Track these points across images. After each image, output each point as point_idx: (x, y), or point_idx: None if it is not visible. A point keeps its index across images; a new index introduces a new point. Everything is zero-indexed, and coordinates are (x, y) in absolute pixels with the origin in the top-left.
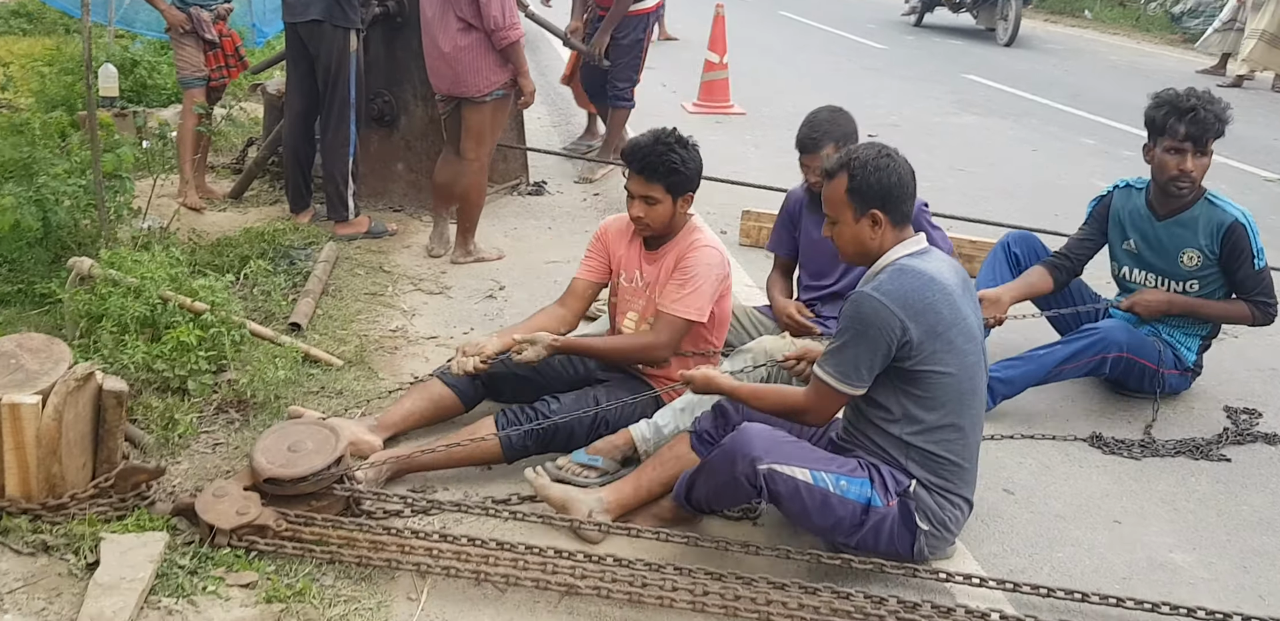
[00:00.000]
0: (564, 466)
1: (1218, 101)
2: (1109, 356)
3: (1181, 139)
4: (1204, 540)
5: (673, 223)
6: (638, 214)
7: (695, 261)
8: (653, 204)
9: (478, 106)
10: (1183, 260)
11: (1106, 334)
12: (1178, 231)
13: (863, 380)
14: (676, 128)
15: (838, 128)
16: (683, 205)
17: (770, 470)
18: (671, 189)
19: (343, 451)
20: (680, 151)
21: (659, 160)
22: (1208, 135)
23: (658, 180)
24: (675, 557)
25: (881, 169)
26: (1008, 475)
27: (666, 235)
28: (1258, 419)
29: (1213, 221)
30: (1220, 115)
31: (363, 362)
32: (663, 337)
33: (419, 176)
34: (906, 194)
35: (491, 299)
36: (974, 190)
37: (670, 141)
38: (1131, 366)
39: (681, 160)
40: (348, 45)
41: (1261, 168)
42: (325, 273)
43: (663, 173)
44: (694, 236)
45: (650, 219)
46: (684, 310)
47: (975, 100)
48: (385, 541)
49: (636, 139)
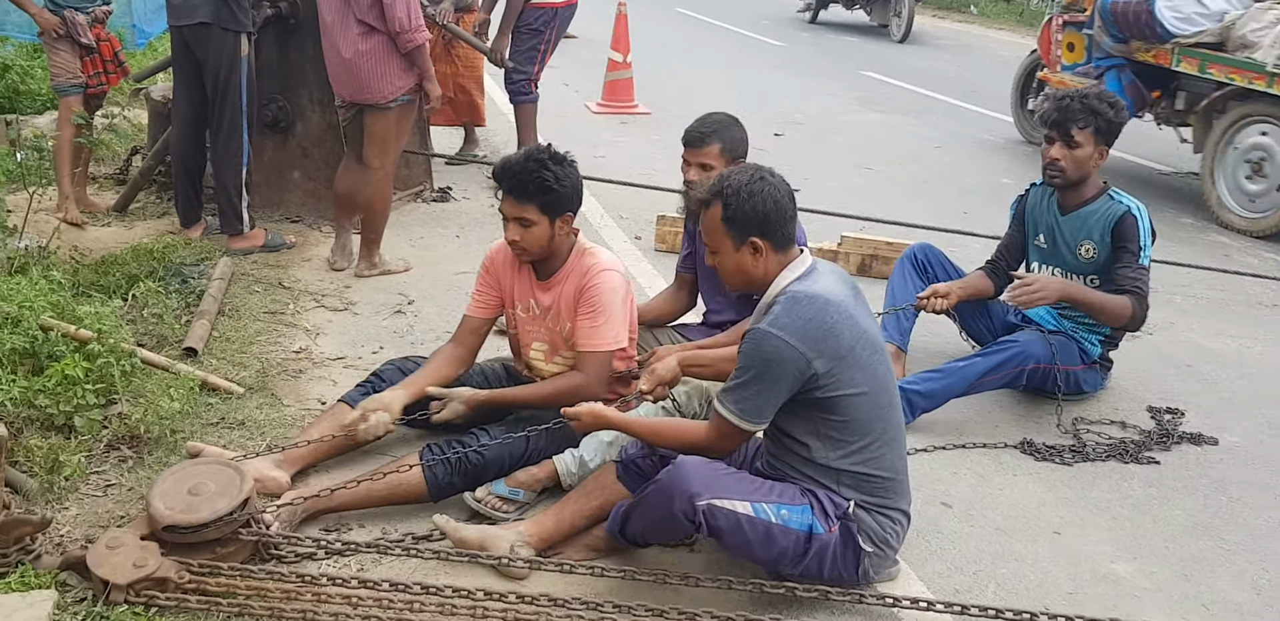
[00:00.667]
0: (483, 499)
1: (1104, 97)
2: (1026, 369)
3: (1048, 126)
4: (1143, 548)
5: (553, 245)
6: (513, 237)
7: (599, 291)
8: (528, 226)
9: (382, 112)
10: (1081, 252)
11: (1025, 347)
12: (1078, 224)
13: (766, 417)
14: (551, 144)
15: (728, 130)
16: (562, 226)
17: (710, 506)
18: (546, 209)
19: (249, 492)
20: (554, 168)
21: (530, 179)
22: (1070, 124)
23: (530, 200)
24: (612, 592)
25: (756, 194)
26: (944, 488)
27: (551, 259)
28: (1181, 418)
29: (1108, 214)
30: (1095, 107)
31: (265, 389)
32: (591, 375)
33: (317, 185)
34: (785, 217)
35: (400, 314)
36: (883, 189)
37: (542, 158)
38: (1047, 374)
39: (555, 178)
40: (238, 49)
41: (1153, 161)
42: (220, 291)
43: (534, 192)
44: (588, 261)
45: (527, 242)
46: (604, 344)
47: (876, 97)
48: (299, 590)
49: (507, 157)
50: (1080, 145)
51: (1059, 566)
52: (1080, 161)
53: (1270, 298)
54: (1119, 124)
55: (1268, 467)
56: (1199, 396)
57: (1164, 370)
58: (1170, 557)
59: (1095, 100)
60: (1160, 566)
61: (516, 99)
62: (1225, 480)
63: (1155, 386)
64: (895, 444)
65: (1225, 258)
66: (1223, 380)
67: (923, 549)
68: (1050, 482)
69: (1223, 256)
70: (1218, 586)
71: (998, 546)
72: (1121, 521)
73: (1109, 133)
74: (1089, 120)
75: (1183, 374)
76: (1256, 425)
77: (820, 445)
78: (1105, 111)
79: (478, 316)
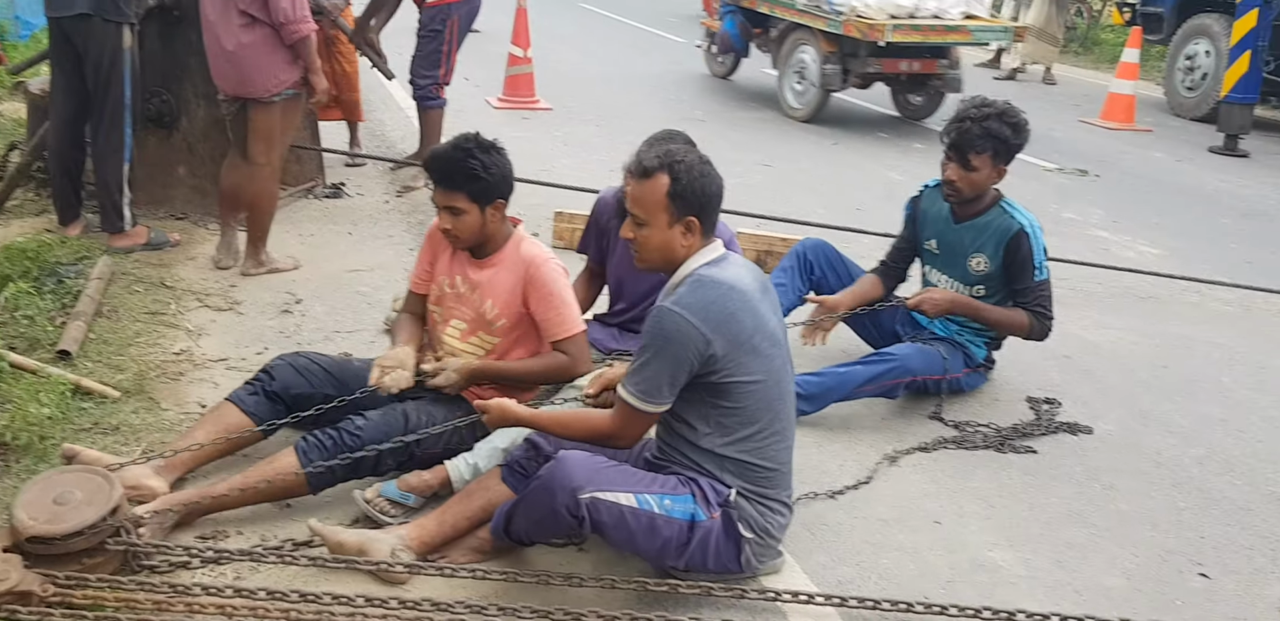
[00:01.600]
0: (372, 501)
1: (1006, 118)
2: (903, 381)
3: (947, 147)
4: (1019, 536)
5: (486, 232)
6: (445, 225)
7: (547, 280)
8: (458, 215)
9: (266, 107)
10: (972, 264)
11: (903, 362)
12: (970, 235)
13: (665, 398)
14: (479, 132)
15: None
16: (493, 213)
17: (593, 499)
18: (476, 197)
19: (118, 500)
20: (481, 157)
21: (457, 168)
22: (968, 150)
23: (458, 188)
24: (497, 595)
25: (706, 176)
26: (830, 480)
27: (487, 243)
28: (1058, 408)
29: (1000, 228)
30: (994, 132)
31: (142, 392)
32: (575, 356)
33: (203, 181)
34: (718, 206)
35: (288, 314)
36: (780, 186)
37: (469, 147)
38: (925, 384)
39: (483, 166)
40: (120, 41)
41: (1041, 159)
42: (98, 291)
43: (462, 180)
44: (530, 252)
45: (459, 230)
46: (574, 328)
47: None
48: (170, 601)
49: (436, 147)
50: (977, 169)
51: (938, 556)
52: (977, 183)
53: (1145, 290)
54: (1018, 146)
55: (1139, 455)
56: (1076, 386)
57: (1043, 361)
58: (1045, 545)
59: (995, 123)
60: (1035, 553)
61: (423, 104)
62: (1099, 468)
63: (1035, 377)
64: (783, 436)
65: (1104, 251)
66: (1099, 370)
67: (808, 541)
68: (932, 473)
69: (1102, 250)
70: (1090, 572)
71: (881, 537)
72: (999, 510)
73: (1008, 154)
74: (985, 145)
75: (1061, 365)
76: (1130, 414)
77: (710, 431)
78: (1005, 135)
79: (416, 292)
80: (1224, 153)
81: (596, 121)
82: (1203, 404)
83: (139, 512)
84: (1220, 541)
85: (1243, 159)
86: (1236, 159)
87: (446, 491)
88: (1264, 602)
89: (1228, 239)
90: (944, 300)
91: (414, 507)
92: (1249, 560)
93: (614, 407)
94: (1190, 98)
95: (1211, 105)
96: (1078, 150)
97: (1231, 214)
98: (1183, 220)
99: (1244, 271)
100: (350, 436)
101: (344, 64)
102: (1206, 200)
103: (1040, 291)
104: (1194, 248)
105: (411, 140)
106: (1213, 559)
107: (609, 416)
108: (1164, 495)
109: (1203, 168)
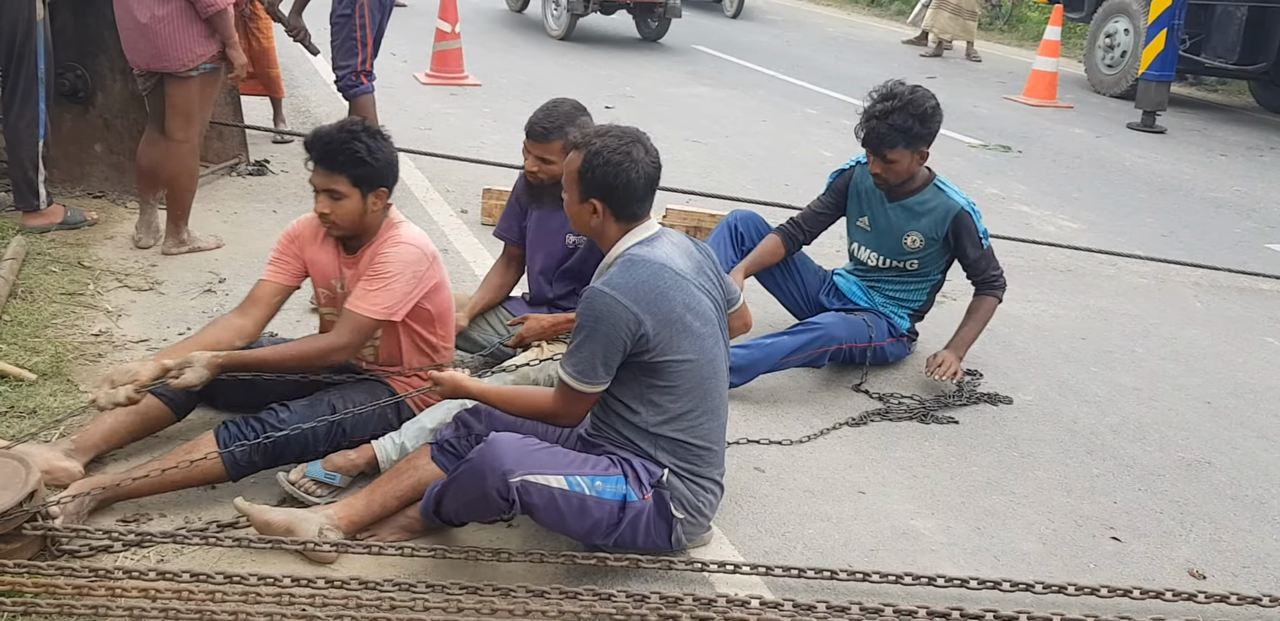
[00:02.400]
0: (298, 482)
1: (912, 109)
2: (829, 349)
3: (863, 145)
4: (941, 504)
5: (364, 221)
6: (323, 210)
7: (388, 258)
8: (338, 198)
9: (183, 82)
10: (906, 242)
11: (828, 330)
12: (904, 214)
13: (601, 378)
14: (365, 118)
15: (573, 126)
16: (375, 201)
17: (523, 482)
18: (358, 182)
19: (35, 485)
20: (366, 141)
21: (340, 149)
22: (880, 147)
23: (340, 171)
24: (426, 572)
25: (613, 165)
26: (757, 453)
27: (362, 235)
28: (979, 379)
29: (940, 209)
30: (901, 126)
31: (60, 375)
32: (344, 339)
33: (121, 158)
34: (634, 197)
35: (210, 293)
36: (710, 162)
37: (356, 130)
38: (851, 353)
39: (368, 150)
40: (33, 13)
41: (965, 134)
42: (13, 272)
43: (344, 163)
44: (390, 233)
45: (337, 216)
46: (370, 309)
47: (706, 71)
48: (91, 585)
49: (320, 127)
50: (895, 161)
51: (863, 525)
52: (900, 172)
53: (1064, 264)
54: (930, 132)
55: (1056, 424)
56: (997, 358)
57: None
58: (966, 512)
59: (901, 117)
60: (956, 521)
61: (348, 94)
62: (1018, 437)
63: None
64: (716, 415)
65: (1025, 226)
66: (1019, 342)
67: (735, 513)
68: (857, 444)
69: (1024, 225)
70: (1008, 538)
71: (806, 508)
72: (922, 479)
73: (922, 141)
74: (896, 140)
75: (983, 337)
76: (1049, 384)
77: (644, 410)
78: (912, 127)
79: (273, 281)
80: (1142, 129)
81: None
82: (1118, 373)
83: (57, 498)
84: (1132, 506)
85: (1159, 135)
86: (1154, 135)
87: (373, 471)
88: (1172, 564)
89: (1144, 213)
90: (954, 360)
91: (340, 487)
92: (1159, 523)
93: (555, 387)
94: (1110, 75)
95: (1130, 82)
96: (1001, 127)
97: (1148, 189)
98: (1101, 195)
99: (1159, 245)
100: (273, 428)
101: (261, 39)
102: (1124, 175)
103: (990, 257)
104: (1111, 222)
105: (338, 116)
106: (1124, 523)
107: (551, 395)
108: (1079, 462)
109: (1121, 143)
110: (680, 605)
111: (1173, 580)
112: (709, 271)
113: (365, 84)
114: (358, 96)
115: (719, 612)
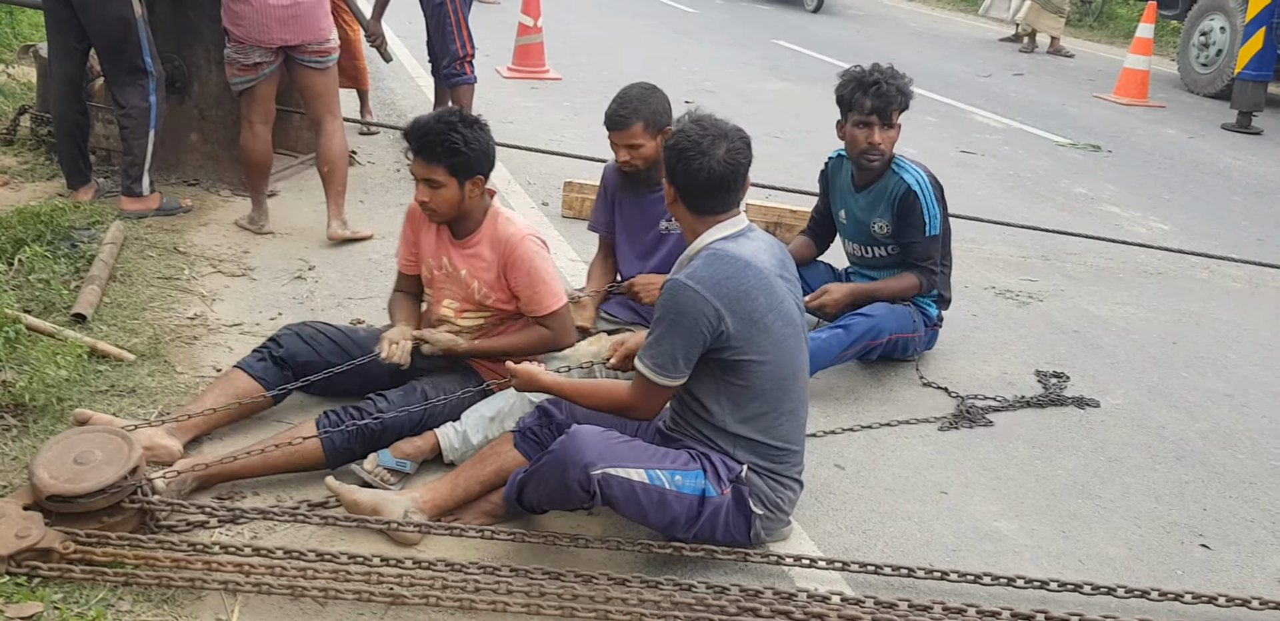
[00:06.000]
0: (373, 471)
1: (900, 76)
2: (882, 341)
3: (868, 112)
4: (1025, 507)
5: (463, 207)
6: (423, 198)
7: (524, 258)
8: (436, 188)
9: (322, 72)
10: (875, 229)
11: (879, 322)
12: (871, 202)
13: (680, 371)
14: (462, 108)
15: (647, 105)
16: (472, 189)
17: (605, 475)
18: (455, 171)
19: (137, 461)
20: (463, 131)
21: (438, 140)
22: (891, 107)
23: (438, 161)
24: (508, 556)
25: (680, 151)
26: (838, 450)
27: (466, 220)
28: (1066, 382)
29: (892, 190)
30: (903, 89)
31: (157, 356)
32: (558, 330)
33: (215, 147)
34: (705, 190)
35: (300, 280)
36: (791, 158)
37: (453, 120)
38: (897, 343)
39: (464, 141)
40: (131, 11)
41: (1053, 133)
42: (112, 256)
43: (442, 153)
44: (507, 230)
45: (436, 204)
46: (554, 303)
47: (787, 66)
48: (188, 559)
49: (418, 118)
50: (897, 125)
51: (945, 525)
52: (895, 140)
53: (1155, 266)
54: (910, 97)
55: (1144, 429)
56: (1084, 361)
57: (1052, 336)
58: (1050, 515)
59: (901, 82)
60: (1040, 523)
61: (448, 82)
62: (1105, 441)
63: (1044, 351)
64: (795, 416)
65: (1115, 227)
66: (1107, 345)
67: (815, 509)
68: (939, 444)
69: (1113, 225)
70: (1093, 542)
71: (887, 506)
72: (1005, 481)
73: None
74: (904, 101)
75: (1070, 339)
76: (1137, 388)
77: (721, 408)
78: (910, 93)
79: (407, 273)
80: (1237, 130)
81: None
82: (1209, 379)
83: (160, 473)
84: (1222, 513)
85: (1256, 136)
86: (1249, 136)
87: (436, 457)
88: (1263, 573)
89: (1238, 216)
90: (843, 296)
91: (410, 474)
92: (1249, 532)
93: (633, 380)
94: (1204, 74)
95: (1225, 82)
96: (1090, 125)
97: (1243, 191)
98: (1194, 196)
99: (1254, 248)
100: (374, 422)
101: (348, 30)
102: (1218, 177)
103: (930, 245)
104: (1204, 224)
105: (422, 109)
106: (1214, 530)
107: (628, 388)
108: (1168, 468)
109: (1215, 144)
110: (760, 598)
111: (1263, 589)
112: (791, 270)
113: (469, 73)
114: (458, 85)
115: (799, 607)
